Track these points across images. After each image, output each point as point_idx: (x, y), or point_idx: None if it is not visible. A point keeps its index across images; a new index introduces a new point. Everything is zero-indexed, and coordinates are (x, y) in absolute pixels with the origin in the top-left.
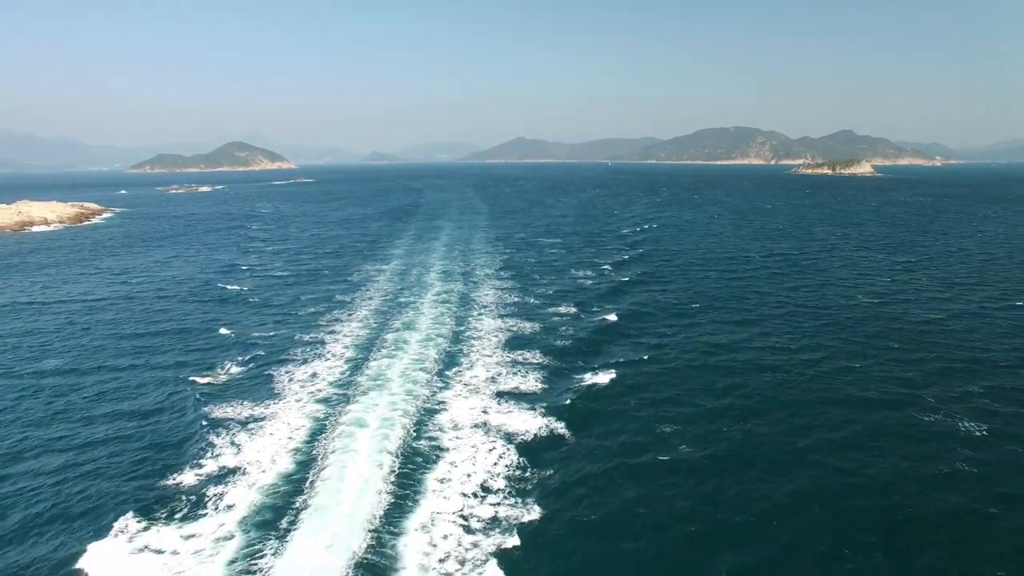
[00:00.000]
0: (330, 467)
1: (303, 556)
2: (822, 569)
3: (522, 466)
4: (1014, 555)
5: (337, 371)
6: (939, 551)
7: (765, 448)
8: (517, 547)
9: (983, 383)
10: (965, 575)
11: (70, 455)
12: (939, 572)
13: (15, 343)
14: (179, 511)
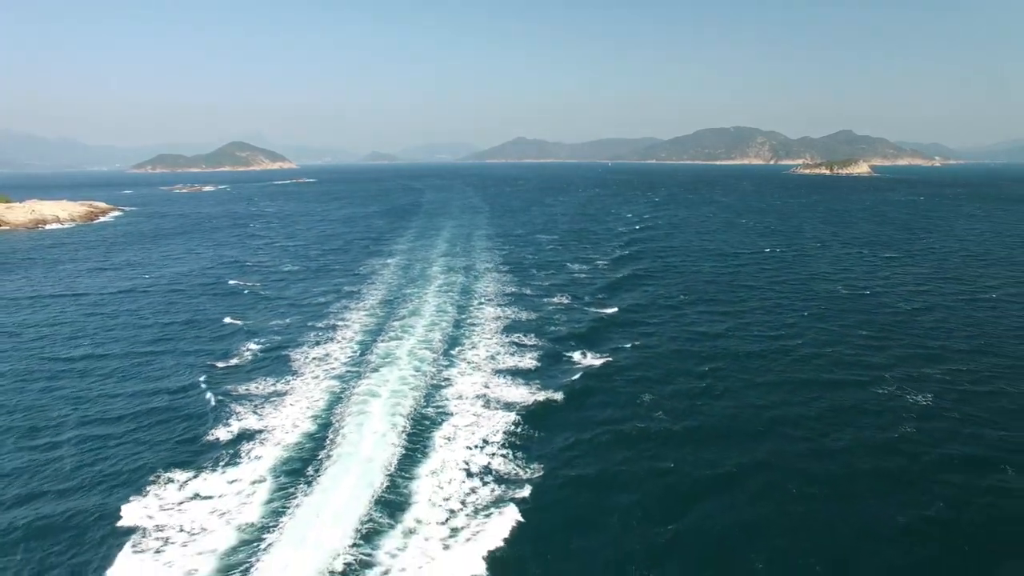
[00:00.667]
0: (348, 427)
1: (329, 495)
2: (780, 514)
3: (519, 430)
4: (942, 503)
5: (349, 352)
6: (881, 501)
7: (737, 420)
8: (513, 492)
9: (940, 366)
10: (903, 521)
11: (108, 425)
12: (878, 515)
13: (48, 331)
14: (215, 464)
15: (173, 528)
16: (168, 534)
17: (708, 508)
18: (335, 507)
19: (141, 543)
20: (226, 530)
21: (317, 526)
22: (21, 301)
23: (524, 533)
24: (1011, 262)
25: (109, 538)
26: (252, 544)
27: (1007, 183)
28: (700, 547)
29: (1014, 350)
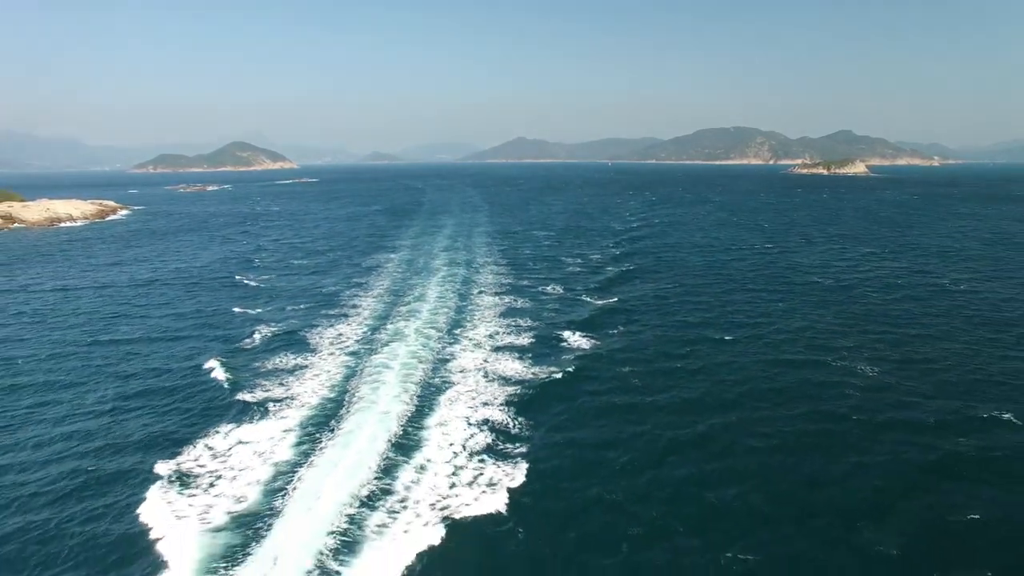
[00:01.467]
0: (365, 390)
1: (351, 438)
2: (741, 465)
3: (514, 397)
4: (878, 456)
5: (360, 333)
6: (826, 455)
7: (710, 393)
8: (508, 443)
9: (897, 349)
10: (844, 469)
11: (151, 396)
12: (824, 466)
13: (86, 318)
14: (251, 419)
15: (222, 467)
16: (219, 470)
17: (681, 460)
18: (357, 448)
19: (196, 481)
20: (265, 466)
21: (342, 464)
22: (55, 292)
23: (518, 474)
24: (984, 258)
25: (170, 476)
26: (287, 475)
27: (1002, 183)
28: (674, 489)
29: (966, 336)
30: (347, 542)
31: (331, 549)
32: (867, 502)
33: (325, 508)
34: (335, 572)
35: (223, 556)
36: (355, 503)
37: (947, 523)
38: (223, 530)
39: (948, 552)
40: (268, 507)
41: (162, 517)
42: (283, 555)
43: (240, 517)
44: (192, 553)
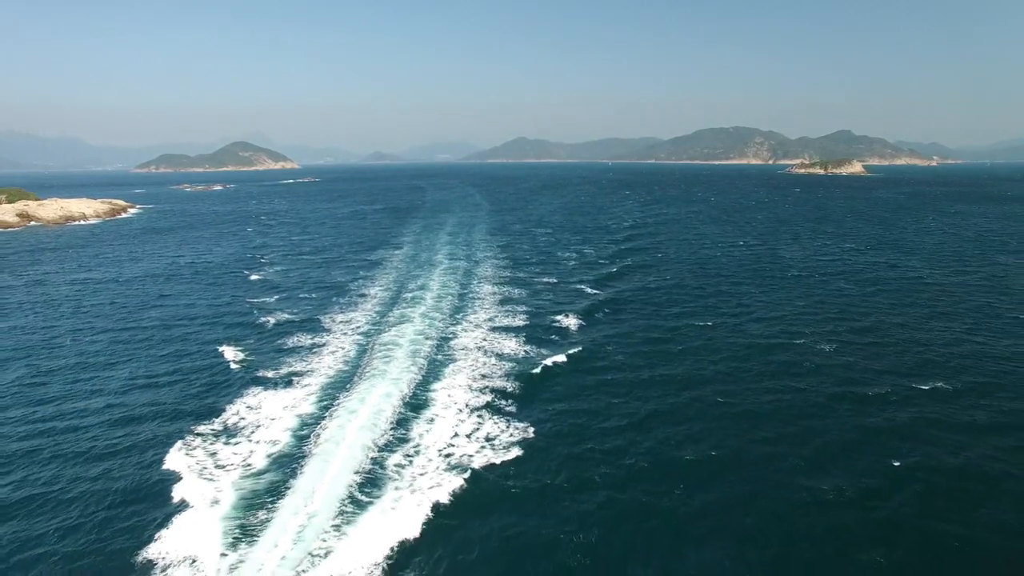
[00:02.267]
0: (376, 362)
1: (367, 396)
2: (707, 426)
3: (511, 369)
4: (821, 420)
5: (370, 317)
6: (782, 420)
7: (687, 370)
8: (505, 405)
9: (857, 332)
10: (793, 430)
11: (181, 371)
12: (775, 432)
13: (117, 307)
14: (275, 387)
15: (256, 419)
16: (255, 422)
17: (657, 422)
18: (373, 404)
19: (240, 431)
20: (293, 419)
21: (360, 415)
22: (85, 283)
23: (513, 430)
24: (956, 255)
25: (213, 431)
26: (312, 425)
27: (997, 182)
28: (650, 445)
29: (923, 323)
30: (371, 479)
31: (358, 484)
32: (810, 457)
33: (349, 451)
34: (364, 503)
35: (267, 491)
36: (375, 448)
37: (876, 471)
38: (266, 471)
39: (876, 494)
40: (300, 450)
41: (210, 463)
42: (317, 490)
43: (278, 458)
44: (240, 491)
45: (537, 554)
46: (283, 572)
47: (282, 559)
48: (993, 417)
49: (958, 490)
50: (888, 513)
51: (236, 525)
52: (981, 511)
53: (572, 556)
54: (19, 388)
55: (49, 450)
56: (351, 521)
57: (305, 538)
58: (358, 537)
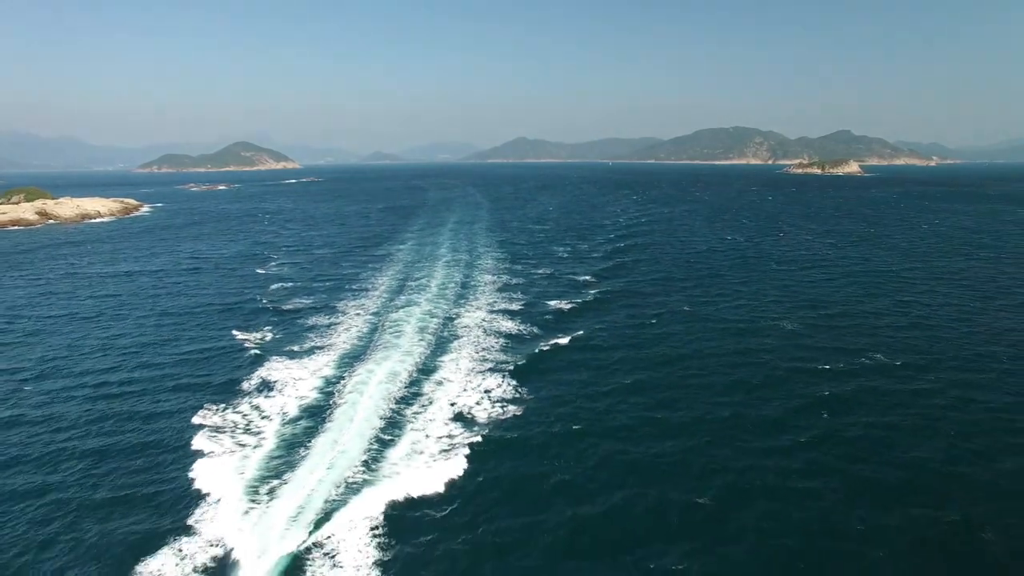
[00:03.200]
0: (388, 336)
1: (382, 365)
2: (684, 393)
3: (509, 344)
4: (776, 389)
5: (380, 301)
6: (742, 389)
7: (667, 346)
8: (504, 371)
9: (819, 314)
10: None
11: (217, 342)
12: (740, 400)
13: (146, 293)
14: (298, 357)
15: (286, 379)
16: (285, 381)
17: (637, 390)
18: (388, 367)
19: (273, 389)
20: (318, 380)
21: (377, 376)
22: (115, 275)
23: (512, 390)
24: (931, 248)
25: (256, 386)
26: (336, 383)
27: (992, 182)
28: (630, 408)
29: (881, 310)
30: (392, 423)
31: (379, 428)
32: (760, 416)
33: (371, 402)
34: (388, 441)
35: (304, 433)
36: (393, 400)
37: (814, 426)
38: (299, 417)
39: (810, 444)
40: (327, 402)
41: (254, 414)
42: (346, 430)
43: (308, 408)
44: (281, 434)
45: (534, 484)
46: (320, 495)
47: (319, 482)
48: (925, 386)
49: (880, 440)
50: (817, 456)
51: (280, 462)
52: (897, 454)
53: (565, 488)
54: (71, 362)
55: (107, 407)
56: (377, 457)
57: (337, 469)
58: (384, 470)
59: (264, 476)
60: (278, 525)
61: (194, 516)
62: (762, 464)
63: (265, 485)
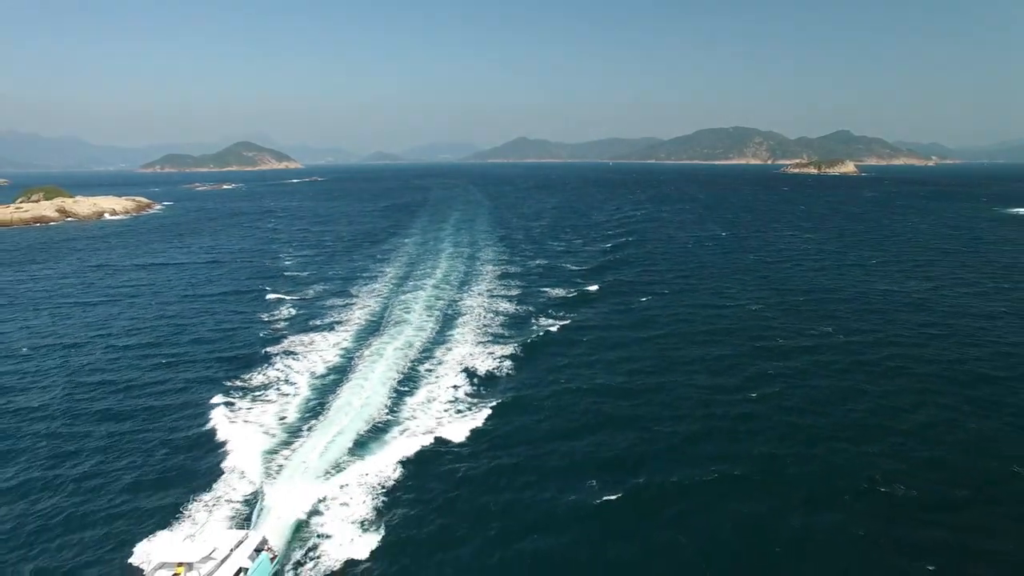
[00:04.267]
0: (399, 313)
1: (395, 338)
2: (663, 361)
3: (507, 322)
4: (740, 360)
5: (390, 286)
6: (711, 363)
7: (649, 323)
8: (504, 342)
9: (786, 298)
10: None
11: (245, 320)
12: (709, 368)
13: (176, 280)
14: (319, 331)
15: (309, 349)
16: (312, 348)
17: (619, 358)
18: (403, 337)
19: (301, 355)
20: (340, 349)
21: (395, 343)
22: (146, 266)
23: (510, 356)
24: (905, 243)
25: (282, 352)
26: (356, 350)
27: (987, 182)
28: (613, 370)
29: (842, 296)
30: (409, 378)
31: (397, 381)
32: (715, 376)
33: (389, 362)
34: (405, 392)
35: (332, 385)
36: (408, 361)
37: (758, 384)
38: (328, 374)
39: (753, 399)
40: (350, 363)
41: (289, 371)
42: (369, 381)
43: (335, 367)
44: (312, 386)
45: (533, 427)
46: (350, 432)
47: (350, 422)
48: (866, 359)
49: (812, 398)
50: (755, 407)
51: (314, 403)
52: (828, 408)
53: (557, 429)
54: (115, 336)
55: (149, 375)
56: (398, 403)
57: (365, 414)
58: (404, 415)
59: (296, 423)
60: (312, 460)
61: (230, 460)
62: (717, 410)
63: (306, 422)
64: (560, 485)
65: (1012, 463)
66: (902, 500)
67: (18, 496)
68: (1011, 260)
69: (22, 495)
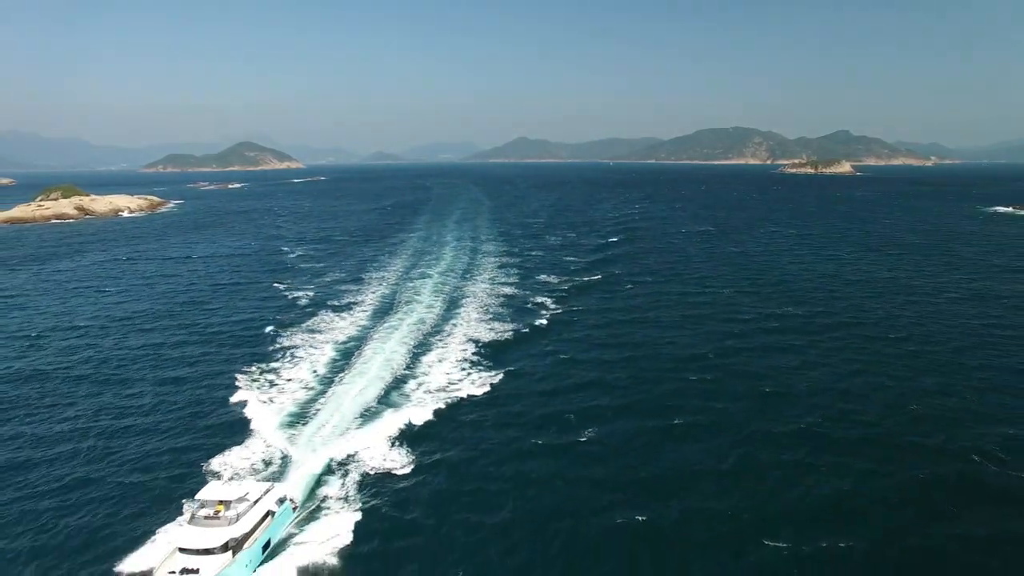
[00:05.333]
0: (406, 294)
1: (407, 316)
2: (638, 339)
3: (506, 303)
4: (712, 338)
5: (400, 273)
6: (686, 341)
7: (635, 307)
8: (504, 319)
9: (756, 282)
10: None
11: (267, 304)
12: (686, 346)
13: (199, 272)
14: (339, 311)
15: (333, 325)
16: (332, 325)
17: (605, 334)
18: (414, 315)
19: (322, 331)
20: (355, 327)
21: (408, 319)
22: (174, 258)
23: (508, 330)
24: (880, 240)
25: (307, 327)
26: (373, 326)
27: (983, 182)
28: (603, 351)
29: (811, 283)
30: (422, 343)
31: (413, 346)
32: (687, 347)
33: (404, 333)
34: (418, 354)
35: (354, 349)
36: (421, 333)
37: (731, 364)
38: (349, 341)
39: (718, 366)
40: (368, 334)
41: (313, 341)
42: (388, 346)
43: (355, 336)
44: (336, 351)
45: (530, 390)
46: (375, 386)
47: (383, 365)
48: (824, 335)
49: (769, 365)
50: (718, 373)
51: (339, 363)
52: (782, 378)
53: (550, 391)
54: (151, 317)
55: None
56: (416, 361)
57: (389, 370)
58: (421, 371)
59: (314, 393)
60: (329, 425)
61: (258, 424)
62: (688, 375)
63: (335, 384)
64: (550, 428)
65: (911, 411)
66: (828, 438)
67: (84, 450)
68: (974, 253)
69: (87, 450)
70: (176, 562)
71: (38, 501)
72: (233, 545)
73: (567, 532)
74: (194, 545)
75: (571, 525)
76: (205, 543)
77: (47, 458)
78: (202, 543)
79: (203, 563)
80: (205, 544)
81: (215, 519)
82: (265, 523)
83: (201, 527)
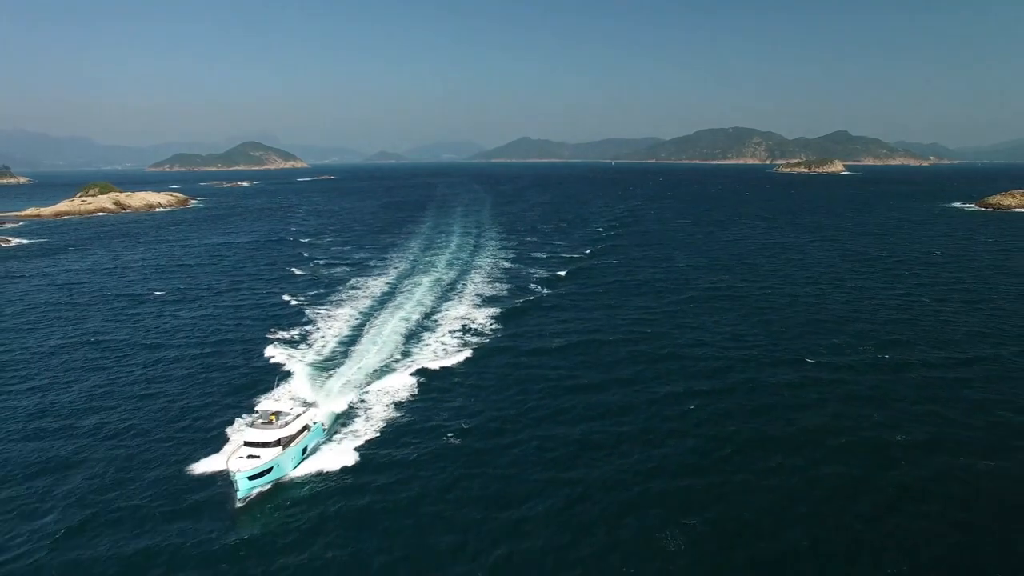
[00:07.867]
0: (415, 276)
1: (415, 294)
2: (622, 327)
3: (506, 284)
4: (693, 322)
5: (410, 259)
6: (668, 329)
7: (625, 289)
8: (502, 298)
9: (729, 269)
10: (677, 331)
11: (285, 283)
12: (666, 332)
13: (228, 256)
14: (360, 284)
15: (358, 290)
16: (357, 290)
17: (586, 315)
18: (426, 283)
19: (348, 298)
20: (370, 300)
21: (421, 286)
22: (218, 244)
23: (504, 307)
24: (850, 233)
25: (329, 299)
26: (392, 292)
27: (968, 180)
28: (581, 331)
29: (770, 269)
30: (436, 301)
31: (418, 320)
32: (662, 325)
33: (420, 296)
34: (431, 311)
35: (375, 309)
36: (435, 297)
37: (690, 340)
38: (372, 301)
39: (689, 355)
40: (390, 299)
41: (336, 304)
42: (406, 303)
43: (379, 298)
44: (357, 311)
45: (521, 355)
46: (396, 336)
47: (393, 332)
48: (760, 304)
49: (750, 344)
50: (713, 351)
51: (362, 321)
52: (734, 352)
53: (542, 354)
54: (195, 292)
55: (215, 323)
56: (430, 315)
57: (407, 324)
58: (434, 323)
59: (354, 329)
60: (351, 370)
61: (297, 367)
62: (642, 347)
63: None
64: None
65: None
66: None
67: (163, 391)
68: (925, 240)
69: (167, 392)
70: (243, 452)
71: (143, 417)
72: (285, 442)
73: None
74: (256, 439)
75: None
76: (264, 438)
77: (150, 392)
78: (261, 438)
79: (262, 452)
80: (264, 439)
81: (270, 424)
82: (304, 434)
83: (260, 429)
